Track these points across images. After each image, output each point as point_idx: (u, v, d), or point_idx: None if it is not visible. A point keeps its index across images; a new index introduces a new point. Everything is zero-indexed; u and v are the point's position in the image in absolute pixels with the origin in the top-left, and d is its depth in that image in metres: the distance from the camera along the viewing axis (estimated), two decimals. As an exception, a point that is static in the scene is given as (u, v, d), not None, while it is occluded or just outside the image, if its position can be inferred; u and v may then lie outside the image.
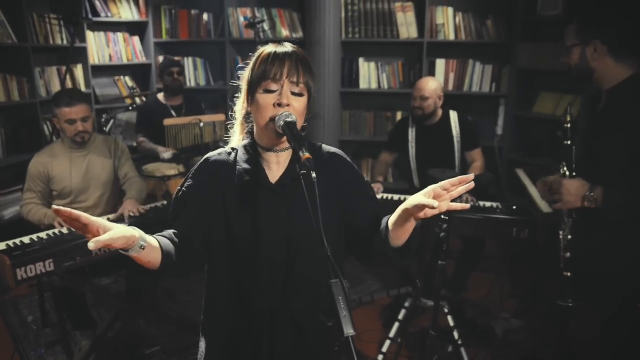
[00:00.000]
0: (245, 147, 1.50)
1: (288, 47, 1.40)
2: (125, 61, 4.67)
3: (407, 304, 3.11)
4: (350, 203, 1.49)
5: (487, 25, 4.21)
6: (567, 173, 1.94)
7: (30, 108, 3.86)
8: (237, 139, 1.56)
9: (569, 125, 1.95)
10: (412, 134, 3.48)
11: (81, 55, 4.32)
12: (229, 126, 1.58)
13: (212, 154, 1.52)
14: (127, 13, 4.63)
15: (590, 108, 2.07)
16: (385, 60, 4.57)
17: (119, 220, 2.80)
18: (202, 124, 3.62)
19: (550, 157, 3.81)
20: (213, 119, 3.81)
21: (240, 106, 1.49)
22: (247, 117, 1.49)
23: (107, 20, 4.50)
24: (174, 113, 3.92)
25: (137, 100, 4.26)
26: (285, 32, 4.61)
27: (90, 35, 4.39)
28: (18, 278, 2.27)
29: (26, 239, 2.51)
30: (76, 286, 2.64)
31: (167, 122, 3.64)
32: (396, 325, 3.00)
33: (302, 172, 1.24)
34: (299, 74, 1.37)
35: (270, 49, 1.40)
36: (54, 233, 2.57)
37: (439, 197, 1.25)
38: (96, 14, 4.42)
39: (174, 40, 4.82)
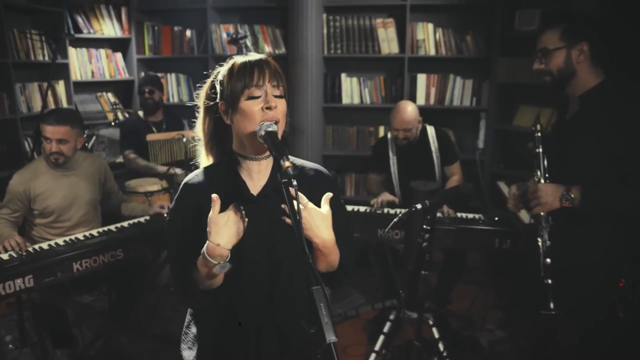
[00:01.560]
0: (222, 162, 1.51)
1: (259, 55, 1.44)
2: (107, 77, 4.66)
3: (391, 317, 3.11)
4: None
5: (466, 40, 4.29)
6: (542, 180, 1.98)
7: (11, 124, 3.82)
8: (204, 160, 1.56)
9: (539, 134, 2.00)
10: (392, 151, 3.50)
11: (63, 71, 4.30)
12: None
13: (190, 177, 1.52)
14: (109, 29, 4.63)
15: (558, 117, 2.11)
16: (367, 75, 4.62)
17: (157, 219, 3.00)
18: (184, 139, 3.62)
19: (530, 169, 3.87)
20: (194, 134, 3.80)
21: (201, 126, 1.51)
22: (213, 135, 1.51)
23: (89, 36, 4.49)
24: (154, 129, 3.91)
25: (120, 116, 4.24)
26: (267, 48, 4.65)
27: (72, 51, 4.37)
28: (-3, 295, 2.24)
29: (5, 255, 2.47)
30: (57, 303, 2.60)
31: (150, 137, 3.63)
32: (381, 338, 3.00)
33: (283, 180, 1.25)
34: (278, 78, 1.41)
35: (241, 59, 1.43)
36: (33, 249, 2.54)
37: None
38: (78, 30, 4.42)
39: (156, 57, 4.83)
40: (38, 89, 4.10)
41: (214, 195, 1.33)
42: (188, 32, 4.76)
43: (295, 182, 1.21)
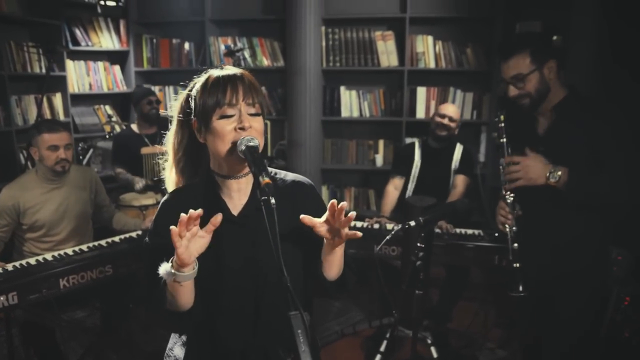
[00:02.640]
0: (200, 181, 1.45)
1: (234, 70, 1.37)
2: (105, 90, 4.63)
3: (388, 335, 3.04)
4: (310, 231, 1.45)
5: (466, 53, 4.25)
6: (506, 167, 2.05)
7: (6, 136, 3.79)
8: (171, 178, 1.50)
9: (502, 125, 2.10)
10: (417, 154, 3.56)
11: (60, 83, 4.27)
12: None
13: (168, 197, 1.46)
14: (107, 42, 4.61)
15: (522, 130, 2.14)
16: (366, 88, 4.58)
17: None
18: (180, 152, 3.57)
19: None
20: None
21: (172, 140, 1.44)
22: (184, 152, 1.44)
23: (87, 49, 4.48)
24: (148, 142, 3.87)
25: (117, 128, 4.21)
26: (266, 61, 4.62)
27: (69, 64, 4.35)
28: (-20, 312, 2.18)
29: (-7, 270, 2.42)
30: (43, 320, 2.53)
31: (144, 150, 3.58)
32: (378, 357, 2.92)
33: (262, 198, 1.19)
34: (253, 94, 1.34)
35: (215, 74, 1.36)
36: (20, 264, 2.48)
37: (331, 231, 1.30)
38: (76, 42, 4.40)
39: (155, 69, 4.80)
40: (34, 102, 4.07)
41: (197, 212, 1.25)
42: (186, 45, 4.74)
43: (273, 200, 1.15)
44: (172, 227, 1.18)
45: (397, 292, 3.14)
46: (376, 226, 3.21)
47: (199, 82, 1.38)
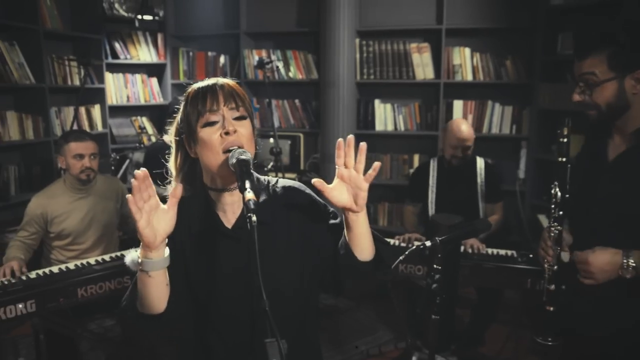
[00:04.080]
0: (193, 196, 1.41)
1: (214, 80, 1.34)
2: (142, 102, 4.73)
3: (414, 358, 2.90)
4: (311, 237, 1.38)
5: (506, 65, 4.09)
6: (559, 193, 1.72)
7: (44, 146, 3.91)
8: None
9: (565, 140, 1.71)
10: (433, 178, 3.34)
11: (99, 95, 4.39)
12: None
13: None
14: (145, 55, 4.71)
15: (589, 148, 1.84)
16: (401, 101, 4.48)
17: None
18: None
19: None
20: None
21: (173, 161, 1.41)
22: (181, 170, 1.40)
23: (126, 62, 4.59)
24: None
25: (153, 139, 4.28)
26: (299, 74, 4.60)
27: (108, 77, 4.47)
28: (-1, 319, 2.21)
29: (14, 280, 2.45)
30: (62, 329, 2.55)
31: (174, 161, 3.60)
32: (401, 381, 2.80)
33: (247, 214, 1.13)
34: (235, 99, 1.29)
35: (196, 86, 1.34)
36: (43, 272, 2.51)
37: (349, 179, 1.24)
38: (116, 56, 4.52)
39: (190, 82, 4.84)
40: (74, 113, 4.18)
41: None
42: (222, 58, 4.78)
43: (254, 218, 1.09)
44: (128, 195, 1.11)
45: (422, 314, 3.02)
46: (403, 244, 3.09)
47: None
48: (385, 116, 4.49)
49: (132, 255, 1.22)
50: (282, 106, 4.71)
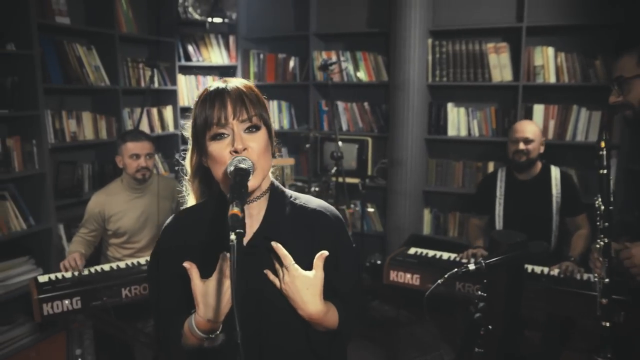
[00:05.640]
0: (208, 202, 1.32)
1: (229, 83, 1.21)
2: (213, 104, 4.79)
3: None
4: (326, 274, 1.25)
5: (594, 66, 3.68)
6: (602, 206, 1.67)
7: (116, 146, 4.05)
8: (190, 198, 1.37)
9: (604, 152, 1.69)
10: (500, 189, 3.08)
11: (171, 97, 4.50)
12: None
13: (172, 220, 1.34)
14: (217, 57, 4.78)
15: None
16: (476, 105, 4.19)
17: None
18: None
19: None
20: (281, 163, 3.71)
21: (189, 159, 1.31)
22: (197, 171, 1.31)
23: (197, 64, 4.67)
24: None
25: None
26: (369, 76, 4.44)
27: (181, 79, 4.58)
28: (44, 313, 2.28)
29: (68, 274, 2.53)
30: (103, 326, 2.59)
31: (234, 164, 3.59)
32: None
33: (237, 231, 1.02)
34: (247, 108, 1.17)
35: (208, 89, 1.22)
36: (95, 270, 2.57)
37: None
38: (189, 58, 4.62)
39: (260, 84, 4.87)
40: (146, 114, 4.32)
41: (187, 263, 1.15)
42: (292, 60, 4.74)
43: (233, 236, 0.97)
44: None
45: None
46: (464, 261, 2.86)
47: None
48: (459, 121, 4.22)
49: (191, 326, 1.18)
50: (350, 109, 4.58)
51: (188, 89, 4.65)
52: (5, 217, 3.24)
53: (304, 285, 1.18)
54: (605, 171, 1.70)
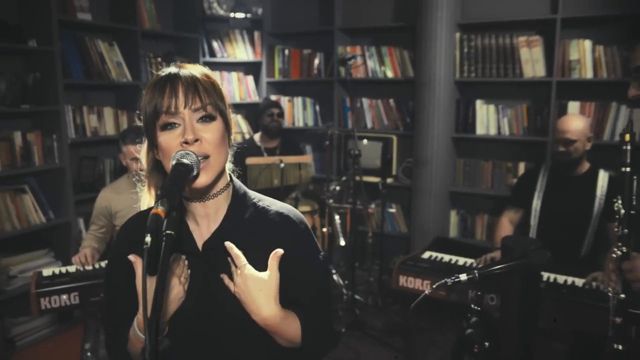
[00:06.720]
0: None
1: (182, 68, 1.11)
2: (237, 100, 4.75)
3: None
4: (285, 281, 1.15)
5: (635, 60, 3.40)
6: (622, 210, 1.48)
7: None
8: (146, 197, 1.28)
9: (628, 147, 1.49)
10: (541, 182, 2.91)
11: (195, 93, 4.49)
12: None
13: (129, 220, 1.28)
14: (242, 53, 4.74)
15: None
16: (507, 102, 3.97)
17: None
18: (282, 165, 3.45)
19: None
20: (298, 160, 3.62)
21: (144, 152, 1.21)
22: (154, 165, 1.21)
23: (222, 60, 4.64)
24: (266, 155, 3.84)
25: (238, 138, 4.28)
26: (394, 71, 4.29)
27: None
28: (42, 307, 2.28)
29: (72, 268, 2.54)
30: (97, 322, 2.58)
31: (249, 161, 3.53)
32: None
33: (166, 232, 0.93)
34: (201, 95, 1.06)
35: (160, 74, 1.12)
36: (99, 265, 2.56)
37: None
38: (213, 54, 4.60)
39: (285, 80, 4.80)
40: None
41: (132, 257, 1.07)
42: (317, 55, 4.64)
43: (149, 239, 0.88)
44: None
45: (497, 352, 2.59)
46: (480, 265, 2.68)
47: None
48: (488, 118, 4.01)
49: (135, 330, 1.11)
50: (375, 106, 4.45)
51: (212, 85, 4.63)
52: (25, 210, 3.30)
53: (257, 286, 1.09)
54: (628, 169, 1.51)
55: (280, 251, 1.12)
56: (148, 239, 0.88)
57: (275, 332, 1.13)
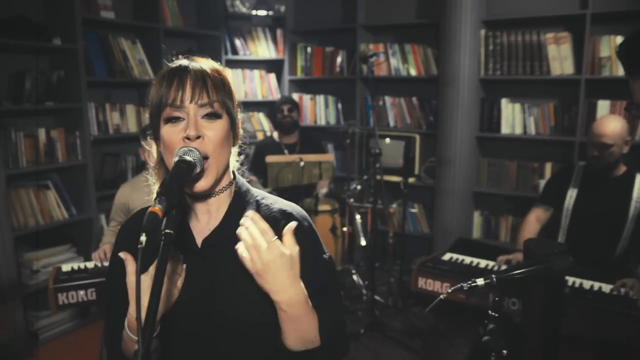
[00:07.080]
0: None
1: (193, 61, 1.08)
2: (259, 98, 4.75)
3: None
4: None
5: (670, 57, 3.26)
6: None
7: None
8: (154, 193, 1.26)
9: None
10: (575, 181, 2.81)
11: (217, 91, 4.50)
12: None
13: (129, 219, 1.25)
14: (264, 51, 4.72)
15: None
16: (533, 101, 3.86)
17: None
18: (302, 163, 3.42)
19: None
20: (319, 159, 3.59)
21: (155, 146, 1.18)
22: (159, 163, 1.19)
23: (244, 58, 4.64)
24: (286, 152, 3.82)
25: (259, 136, 4.27)
26: (417, 69, 4.22)
27: (227, 72, 4.55)
28: (59, 302, 2.29)
29: (90, 264, 2.56)
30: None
31: (269, 159, 3.52)
32: None
33: (165, 231, 0.91)
34: (209, 91, 1.04)
35: (170, 66, 1.09)
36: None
37: None
38: (235, 52, 4.60)
39: (307, 78, 4.77)
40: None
41: (122, 254, 1.03)
42: (340, 53, 4.60)
43: (143, 237, 0.86)
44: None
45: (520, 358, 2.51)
46: (503, 267, 2.62)
47: None
48: (514, 117, 3.91)
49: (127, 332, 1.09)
50: (398, 104, 4.38)
51: (234, 83, 4.59)
52: (48, 206, 3.35)
53: (285, 263, 1.01)
54: None
55: (294, 223, 1.05)
56: (143, 238, 0.86)
57: (297, 318, 1.05)
